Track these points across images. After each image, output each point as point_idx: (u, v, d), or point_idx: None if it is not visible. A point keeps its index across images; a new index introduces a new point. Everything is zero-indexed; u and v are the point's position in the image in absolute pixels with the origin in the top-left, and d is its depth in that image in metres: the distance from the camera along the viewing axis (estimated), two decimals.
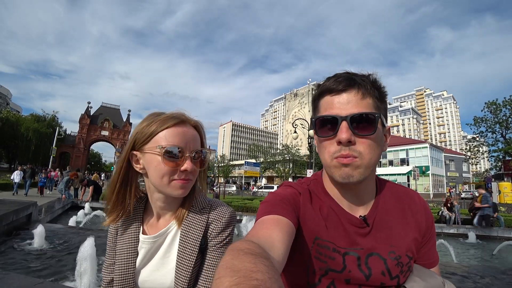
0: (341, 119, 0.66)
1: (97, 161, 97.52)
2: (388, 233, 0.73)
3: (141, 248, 0.83)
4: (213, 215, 0.83)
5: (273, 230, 0.60)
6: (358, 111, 0.66)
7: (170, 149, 0.75)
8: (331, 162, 0.68)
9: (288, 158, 46.24)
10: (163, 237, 0.83)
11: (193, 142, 0.80)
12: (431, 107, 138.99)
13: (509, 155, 28.24)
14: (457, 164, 47.02)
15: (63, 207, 9.36)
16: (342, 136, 0.65)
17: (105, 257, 0.89)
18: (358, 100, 0.67)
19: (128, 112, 59.57)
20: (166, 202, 0.83)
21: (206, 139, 0.88)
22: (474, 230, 9.28)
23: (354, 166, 0.66)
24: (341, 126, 0.66)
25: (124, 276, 0.81)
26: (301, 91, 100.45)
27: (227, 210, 0.85)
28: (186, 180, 0.78)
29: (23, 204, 5.46)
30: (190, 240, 0.79)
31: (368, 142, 0.67)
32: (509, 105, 28.10)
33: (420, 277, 0.71)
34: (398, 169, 39.76)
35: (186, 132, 0.79)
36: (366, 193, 0.75)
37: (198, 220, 0.82)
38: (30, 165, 19.08)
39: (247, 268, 0.36)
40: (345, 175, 0.67)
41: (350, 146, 0.66)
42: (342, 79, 0.68)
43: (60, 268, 3.76)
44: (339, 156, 0.66)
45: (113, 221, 0.84)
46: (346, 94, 0.68)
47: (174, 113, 0.81)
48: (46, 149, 43.56)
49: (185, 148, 0.77)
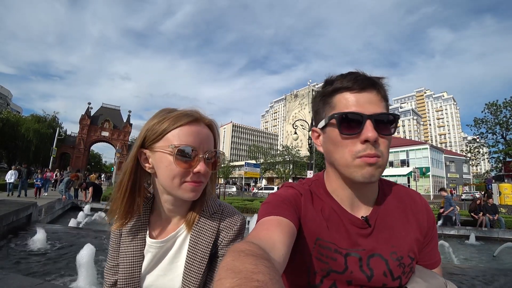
0: (366, 118, 0.65)
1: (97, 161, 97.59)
2: (389, 234, 0.72)
3: (147, 252, 0.79)
4: (225, 222, 0.80)
5: (274, 231, 0.59)
6: (380, 111, 0.66)
7: (183, 149, 0.71)
8: (353, 162, 0.66)
9: (288, 159, 46.20)
10: (171, 242, 0.79)
11: (207, 142, 0.76)
12: (431, 108, 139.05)
13: (509, 156, 28.22)
14: (458, 165, 47.00)
15: (63, 208, 9.35)
16: (370, 135, 0.64)
17: (108, 258, 0.86)
18: (378, 100, 0.68)
19: (129, 113, 59.72)
20: (175, 204, 0.79)
21: (219, 139, 0.83)
22: (474, 231, 9.26)
23: (377, 165, 0.66)
24: (366, 124, 0.65)
25: (129, 280, 0.78)
26: (301, 92, 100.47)
27: (238, 217, 0.82)
28: (198, 182, 0.73)
29: (23, 205, 5.46)
30: (201, 246, 0.76)
31: (387, 143, 0.68)
32: (509, 106, 28.09)
33: (422, 278, 0.71)
34: (399, 170, 39.73)
35: (200, 132, 0.74)
36: (370, 193, 0.75)
37: (209, 226, 0.79)
38: (25, 164, 17.67)
39: (248, 270, 0.36)
40: (368, 175, 0.65)
41: (375, 145, 0.66)
42: (362, 78, 0.68)
43: (60, 269, 3.75)
44: (364, 156, 0.65)
45: (122, 225, 0.80)
46: (366, 93, 0.67)
47: (188, 111, 0.76)
48: (46, 149, 43.55)
49: (199, 149, 0.73)
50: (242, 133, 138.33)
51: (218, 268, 0.39)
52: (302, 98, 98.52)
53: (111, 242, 0.86)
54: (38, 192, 14.61)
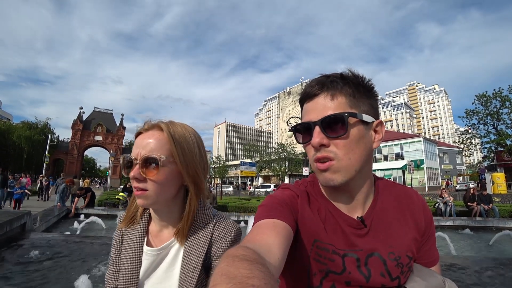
0: (313, 124, 0.67)
1: (91, 166, 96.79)
2: (386, 234, 0.72)
3: (144, 260, 0.81)
4: (218, 232, 0.81)
5: (270, 234, 0.59)
6: (327, 113, 0.66)
7: (124, 156, 0.77)
8: (314, 167, 0.70)
9: (283, 157, 46.34)
10: (166, 251, 0.81)
11: (145, 147, 0.75)
12: (424, 101, 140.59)
13: (501, 146, 28.66)
14: (451, 157, 47.56)
15: (58, 215, 9.23)
16: (313, 141, 0.66)
17: (109, 264, 0.88)
18: (328, 102, 0.67)
19: (121, 116, 59.19)
20: (157, 214, 0.83)
21: (178, 139, 0.77)
22: (470, 221, 9.40)
23: (333, 170, 0.66)
24: (314, 131, 0.66)
25: (128, 286, 0.79)
26: (295, 89, 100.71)
27: (233, 228, 0.82)
28: (138, 189, 0.75)
29: (16, 214, 5.38)
30: (194, 256, 0.77)
31: (343, 143, 0.66)
32: (499, 96, 28.45)
33: (420, 277, 0.70)
34: (393, 164, 40.10)
35: (142, 139, 0.77)
36: (360, 193, 0.74)
37: (202, 236, 0.80)
38: (0, 168, 15.54)
39: (243, 275, 0.36)
40: (324, 180, 0.68)
41: (325, 148, 0.66)
42: (314, 84, 0.70)
43: (56, 278, 3.70)
44: (316, 160, 0.68)
45: (126, 225, 0.87)
46: (317, 98, 0.68)
47: (144, 125, 0.81)
48: (39, 156, 43.01)
49: (138, 155, 0.74)
50: (236, 132, 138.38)
51: (213, 274, 0.39)
52: (296, 95, 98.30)
53: (112, 248, 0.88)
54: (18, 205, 11.68)
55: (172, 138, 0.76)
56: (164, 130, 0.76)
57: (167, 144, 0.75)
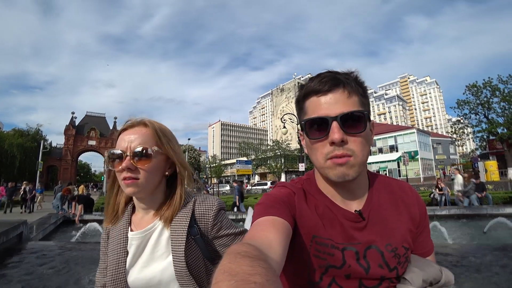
0: (331, 120, 0.66)
1: (86, 171, 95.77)
2: (383, 226, 0.74)
3: (130, 246, 0.87)
4: (200, 207, 0.89)
5: (270, 231, 0.59)
6: (347, 110, 0.66)
7: (112, 152, 0.84)
8: (325, 163, 0.68)
9: (279, 154, 46.40)
10: (150, 232, 0.87)
11: (134, 141, 0.84)
12: (416, 93, 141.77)
13: (493, 134, 29.01)
14: (444, 147, 48.03)
15: (55, 223, 9.13)
16: (335, 136, 0.64)
17: (99, 262, 0.93)
18: (345, 99, 0.67)
19: (114, 119, 58.34)
20: (141, 201, 0.90)
21: (163, 133, 0.90)
22: (464, 210, 9.54)
23: (349, 165, 0.66)
24: (332, 126, 0.65)
25: (115, 277, 0.83)
26: (287, 86, 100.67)
27: (213, 199, 0.92)
28: (128, 179, 0.82)
29: (12, 224, 5.31)
30: (179, 230, 0.85)
31: (360, 140, 0.67)
32: (489, 86, 28.80)
33: (418, 267, 0.72)
34: (388, 156, 40.37)
35: (129, 135, 0.85)
36: (359, 188, 0.76)
37: (183, 212, 0.88)
38: None
39: (245, 272, 0.36)
40: (340, 175, 0.67)
41: (344, 145, 0.66)
42: (327, 79, 0.68)
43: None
44: (333, 157, 0.67)
45: (110, 222, 0.92)
46: (332, 94, 0.68)
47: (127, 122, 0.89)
48: (32, 164, 42.22)
49: (127, 149, 0.83)
50: (231, 131, 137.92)
51: (215, 271, 0.39)
52: (289, 92, 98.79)
53: (100, 246, 0.94)
54: None
55: (159, 132, 0.88)
56: (149, 126, 0.87)
57: (154, 138, 0.86)
